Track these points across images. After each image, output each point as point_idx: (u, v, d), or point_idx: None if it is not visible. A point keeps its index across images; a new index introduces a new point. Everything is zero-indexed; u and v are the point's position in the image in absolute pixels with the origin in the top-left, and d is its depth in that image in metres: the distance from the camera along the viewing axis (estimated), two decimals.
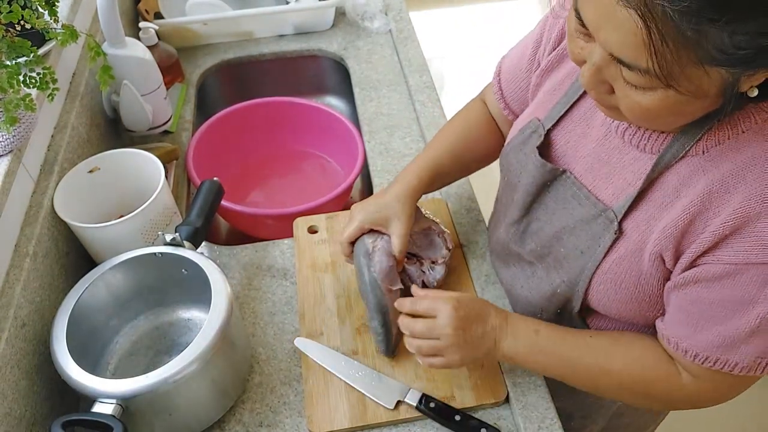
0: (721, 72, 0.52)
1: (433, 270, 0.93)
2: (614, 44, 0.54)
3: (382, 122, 1.30)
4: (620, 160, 0.71)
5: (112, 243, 0.89)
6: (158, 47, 1.31)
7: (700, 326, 0.67)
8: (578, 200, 0.75)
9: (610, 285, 0.73)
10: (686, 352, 0.69)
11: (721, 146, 0.63)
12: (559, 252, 0.78)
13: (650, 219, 0.68)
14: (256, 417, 0.85)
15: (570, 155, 0.78)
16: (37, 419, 0.78)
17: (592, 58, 0.58)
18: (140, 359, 0.87)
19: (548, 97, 0.81)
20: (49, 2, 0.84)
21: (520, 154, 0.82)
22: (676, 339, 0.69)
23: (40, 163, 0.95)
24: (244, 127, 1.34)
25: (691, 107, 0.57)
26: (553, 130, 0.80)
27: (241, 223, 1.23)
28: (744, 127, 0.62)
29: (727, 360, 0.66)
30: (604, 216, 0.72)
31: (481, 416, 0.84)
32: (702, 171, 0.64)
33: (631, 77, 0.56)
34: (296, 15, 1.50)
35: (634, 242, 0.69)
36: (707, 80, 0.53)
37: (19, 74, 0.78)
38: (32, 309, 0.81)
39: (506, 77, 0.93)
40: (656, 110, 0.58)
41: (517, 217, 0.84)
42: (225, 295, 0.79)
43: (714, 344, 0.66)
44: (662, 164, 0.66)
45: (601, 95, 0.62)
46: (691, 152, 0.64)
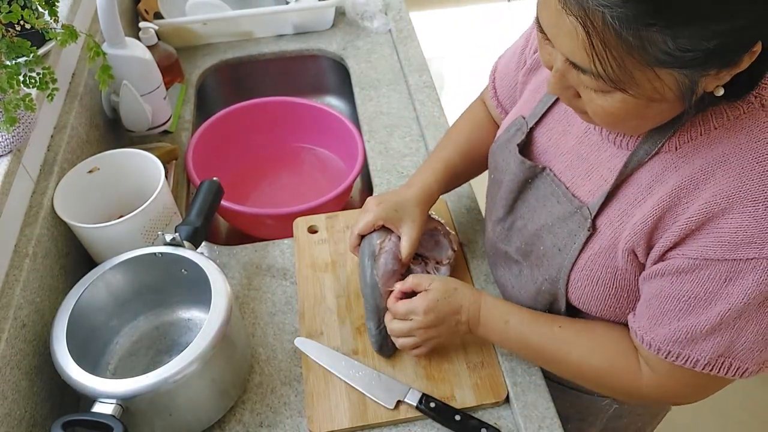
0: (673, 74, 0.53)
1: (438, 271, 0.93)
2: (566, 50, 0.56)
3: (382, 122, 1.30)
4: (598, 157, 0.72)
5: (112, 243, 0.89)
6: (158, 47, 1.31)
7: (660, 319, 0.67)
8: (557, 197, 0.76)
9: (586, 282, 0.73)
10: (648, 345, 0.69)
11: (693, 143, 0.63)
12: (540, 250, 0.79)
13: (623, 215, 0.68)
14: (256, 417, 0.85)
15: (551, 152, 0.78)
16: (37, 420, 0.78)
17: (556, 65, 0.60)
18: (140, 359, 0.87)
19: (533, 96, 0.82)
20: (49, 2, 0.84)
21: (505, 151, 0.83)
22: (640, 331, 0.70)
23: (40, 163, 0.95)
24: (244, 127, 1.34)
25: (652, 110, 0.58)
26: (536, 128, 0.81)
27: (241, 223, 1.23)
28: (716, 123, 0.62)
29: (687, 355, 0.66)
30: (579, 213, 0.72)
31: (481, 416, 0.84)
32: (674, 167, 0.64)
33: (588, 82, 0.57)
34: (296, 15, 1.50)
35: (607, 238, 0.70)
36: (660, 83, 0.54)
37: (18, 74, 0.78)
38: (32, 309, 0.81)
39: (499, 76, 0.94)
40: (618, 114, 0.59)
41: (502, 215, 0.85)
42: (225, 295, 0.79)
43: (672, 338, 0.66)
44: (635, 161, 0.67)
45: (569, 100, 0.63)
46: (664, 149, 0.65)
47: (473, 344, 0.89)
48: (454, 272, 0.98)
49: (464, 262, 1.01)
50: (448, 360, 0.88)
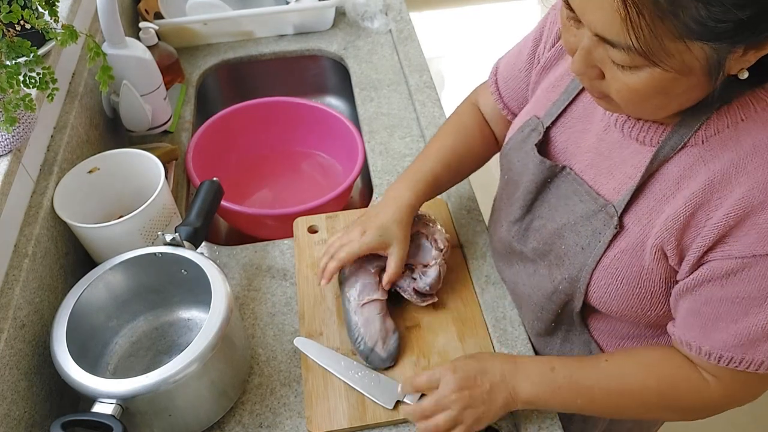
0: (703, 47, 0.52)
1: (424, 275, 0.92)
2: (598, 23, 0.55)
3: (382, 122, 1.30)
4: (621, 154, 0.71)
5: (112, 243, 0.89)
6: (158, 47, 1.31)
7: (716, 327, 0.65)
8: (579, 196, 0.75)
9: (611, 280, 0.72)
10: (707, 355, 0.67)
11: (721, 135, 0.62)
12: (560, 249, 0.77)
13: (651, 212, 0.67)
14: (255, 418, 0.85)
15: (570, 151, 0.78)
16: (36, 420, 0.78)
17: (582, 43, 0.59)
18: (140, 359, 0.87)
19: (547, 95, 0.81)
20: (49, 2, 0.84)
21: (521, 152, 0.82)
22: (695, 342, 0.68)
23: (40, 163, 0.95)
24: (244, 127, 1.34)
25: (678, 87, 0.57)
26: (552, 127, 0.80)
27: (241, 223, 1.23)
28: (743, 115, 0.61)
29: (751, 359, 0.64)
30: (604, 211, 0.71)
31: None
32: (702, 161, 0.63)
33: (617, 57, 0.56)
34: (296, 15, 1.50)
35: (635, 236, 0.69)
36: (689, 56, 0.53)
37: (18, 74, 0.78)
38: (31, 310, 0.81)
39: (504, 76, 0.93)
40: (644, 91, 0.58)
41: (519, 216, 0.84)
42: (225, 296, 0.79)
43: (732, 344, 0.64)
44: (661, 156, 0.66)
45: (592, 82, 0.62)
46: (690, 143, 0.64)
47: (472, 344, 0.89)
48: (454, 272, 0.98)
49: (464, 262, 1.01)
50: (447, 361, 0.87)
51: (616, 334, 0.81)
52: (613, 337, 0.82)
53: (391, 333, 0.88)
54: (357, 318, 0.89)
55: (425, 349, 0.89)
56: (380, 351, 0.87)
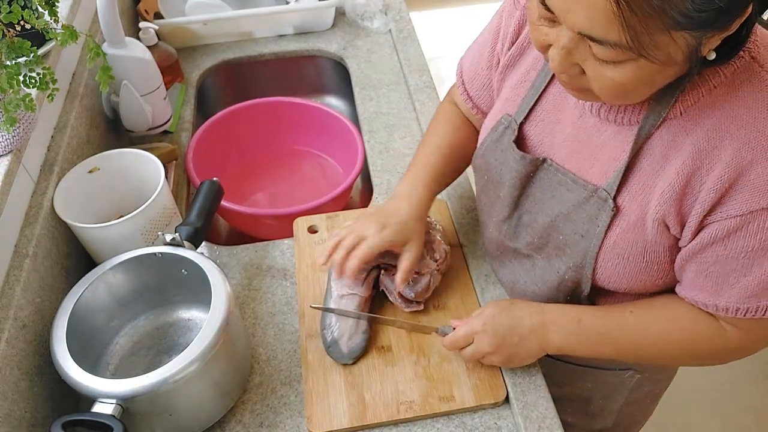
0: (685, 36, 0.54)
1: (414, 282, 0.91)
2: (584, 22, 0.55)
3: (382, 122, 1.30)
4: (600, 138, 0.73)
5: (112, 243, 0.89)
6: (158, 47, 1.31)
7: (726, 283, 0.68)
8: (566, 186, 0.76)
9: (617, 260, 0.74)
10: (724, 310, 0.70)
11: (698, 104, 0.64)
12: (558, 239, 0.78)
13: (645, 188, 0.69)
14: (256, 417, 0.85)
15: (547, 143, 0.79)
16: (37, 420, 0.78)
17: (560, 42, 0.60)
18: (140, 359, 0.87)
19: (515, 91, 0.82)
20: (49, 2, 0.84)
21: (497, 151, 0.83)
22: (709, 301, 0.71)
23: (40, 163, 0.95)
24: (244, 127, 1.34)
25: (661, 76, 0.59)
26: (525, 122, 0.81)
27: (241, 223, 1.23)
28: (714, 82, 0.64)
29: (767, 305, 0.67)
30: (596, 196, 0.73)
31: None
32: (684, 132, 0.65)
33: (602, 53, 0.57)
34: (296, 15, 1.50)
35: (634, 214, 0.70)
36: (674, 46, 0.55)
37: (19, 74, 0.78)
38: (32, 310, 0.81)
39: (468, 76, 0.93)
40: (630, 83, 0.59)
41: (507, 214, 0.85)
42: (225, 295, 0.79)
43: (745, 295, 0.67)
44: (644, 133, 0.68)
45: (572, 78, 0.63)
46: (670, 116, 0.66)
47: None
48: (453, 272, 0.98)
49: (464, 262, 1.01)
50: (447, 360, 0.88)
51: None
52: None
53: (360, 332, 0.88)
54: (332, 305, 0.89)
55: (425, 349, 0.89)
56: (343, 345, 0.87)
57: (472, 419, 0.83)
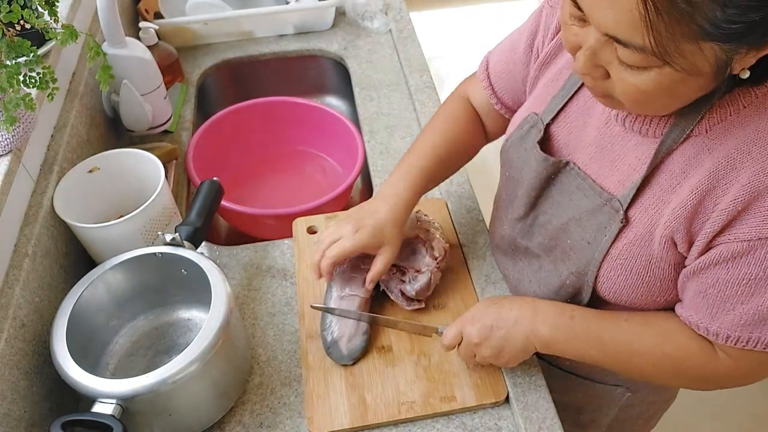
0: (714, 48, 0.53)
1: (414, 280, 0.91)
2: (610, 23, 0.54)
3: (382, 122, 1.30)
4: (623, 147, 0.72)
5: (112, 243, 0.89)
6: (158, 47, 1.31)
7: (722, 307, 0.66)
8: (583, 191, 0.75)
9: (620, 271, 0.73)
10: (715, 335, 0.68)
11: (724, 123, 0.63)
12: (566, 243, 0.78)
13: (658, 203, 0.68)
14: (256, 418, 0.84)
15: (572, 146, 0.78)
16: (36, 419, 0.78)
17: (588, 42, 0.59)
18: (140, 359, 0.87)
19: (545, 90, 0.81)
20: (49, 2, 0.84)
21: (521, 149, 0.82)
22: (702, 323, 0.69)
23: (40, 162, 0.95)
24: (244, 127, 1.34)
25: (685, 87, 0.58)
26: (552, 123, 0.80)
27: (241, 223, 1.22)
28: (744, 102, 0.62)
29: (758, 338, 0.65)
30: (609, 205, 0.72)
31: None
32: (707, 150, 0.64)
33: (626, 56, 0.56)
34: (296, 15, 1.50)
35: (643, 227, 0.69)
36: (701, 57, 0.53)
37: (19, 74, 0.78)
38: (32, 309, 0.81)
39: (496, 70, 0.92)
40: (652, 91, 0.58)
41: (524, 212, 0.84)
42: (225, 296, 0.79)
43: (740, 323, 0.66)
44: (665, 148, 0.66)
45: (595, 81, 0.62)
46: (694, 133, 0.65)
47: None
48: (454, 272, 0.98)
49: (464, 262, 1.01)
50: (448, 360, 0.87)
51: None
52: None
53: (360, 334, 0.88)
54: (332, 305, 0.89)
55: (425, 349, 0.89)
56: (343, 347, 0.87)
57: (473, 419, 0.83)
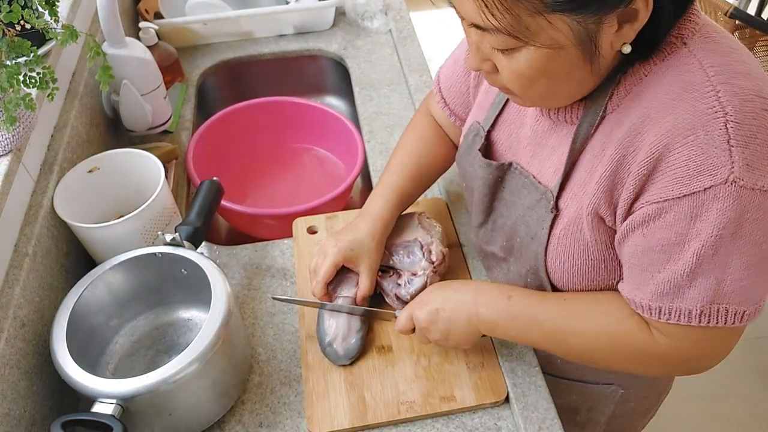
0: (565, 20, 0.55)
1: (409, 283, 0.91)
2: (466, 12, 0.59)
3: (382, 122, 1.30)
4: (556, 139, 0.73)
5: (112, 243, 0.89)
6: (158, 47, 1.31)
7: (642, 276, 0.65)
8: (527, 189, 0.77)
9: (563, 259, 0.73)
10: (640, 308, 0.67)
11: (630, 95, 0.64)
12: (517, 242, 0.79)
13: (584, 184, 0.69)
14: (256, 417, 0.85)
15: (514, 148, 0.80)
16: (36, 419, 0.78)
17: (471, 38, 0.63)
18: (140, 359, 0.87)
19: (485, 98, 0.84)
20: (49, 2, 0.84)
21: (469, 158, 0.84)
22: (630, 295, 0.68)
23: (40, 162, 0.95)
24: (244, 127, 1.34)
25: (557, 64, 0.59)
26: (492, 129, 0.82)
27: (241, 223, 1.23)
28: (645, 70, 0.64)
29: (678, 309, 0.63)
30: (544, 198, 0.73)
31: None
32: (618, 123, 0.65)
33: (493, 41, 0.59)
34: (296, 15, 1.50)
35: (573, 211, 0.70)
36: (554, 30, 0.56)
37: (19, 74, 0.78)
38: (32, 309, 0.81)
39: (446, 85, 0.94)
40: (527, 72, 0.60)
41: (483, 219, 0.86)
42: (225, 295, 0.79)
43: (659, 293, 0.64)
44: (583, 132, 0.68)
45: (490, 76, 0.66)
46: (608, 111, 0.66)
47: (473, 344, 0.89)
48: (453, 272, 0.98)
49: (464, 262, 1.01)
50: (448, 360, 0.88)
51: None
52: None
53: (354, 333, 0.88)
54: (326, 311, 0.90)
55: (425, 349, 0.89)
56: (338, 347, 0.87)
57: (472, 419, 0.83)
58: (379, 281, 0.92)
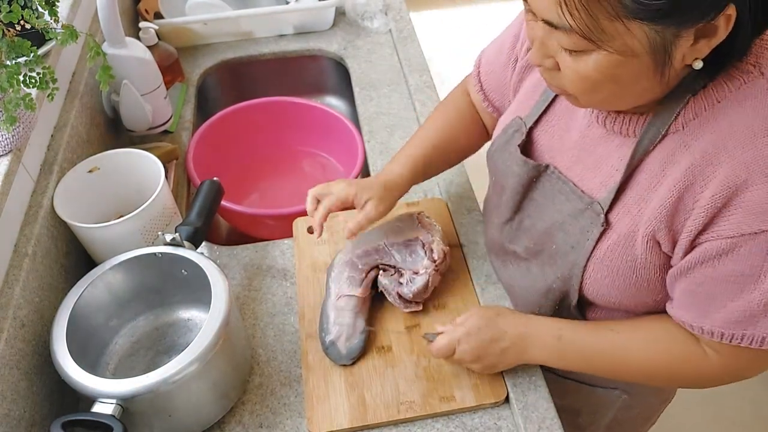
0: (642, 28, 0.54)
1: (411, 282, 0.91)
2: (541, 8, 0.57)
3: (382, 122, 1.30)
4: (606, 149, 0.72)
5: (112, 243, 0.89)
6: (158, 47, 1.31)
7: (713, 306, 0.66)
8: (565, 195, 0.75)
9: (605, 274, 0.73)
10: (709, 333, 0.68)
11: (699, 119, 0.63)
12: (551, 248, 0.78)
13: (640, 202, 0.68)
14: (256, 418, 0.84)
15: (555, 150, 0.78)
16: (36, 420, 0.78)
17: (537, 33, 0.61)
18: (140, 359, 0.87)
19: (529, 95, 0.82)
20: (49, 2, 0.84)
21: (505, 153, 0.83)
22: (695, 322, 0.69)
23: (40, 162, 0.95)
24: (244, 127, 1.34)
25: (625, 72, 0.58)
26: (535, 127, 0.80)
27: (241, 223, 1.22)
28: (718, 97, 0.62)
29: (752, 335, 0.65)
30: (591, 209, 0.72)
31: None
32: (684, 146, 0.64)
33: (563, 41, 0.58)
34: (296, 15, 1.50)
35: (626, 228, 0.69)
36: (630, 37, 0.54)
37: (19, 74, 0.78)
38: (31, 309, 0.81)
39: (485, 70, 0.93)
40: (593, 77, 0.59)
41: (509, 216, 0.85)
42: (225, 296, 0.79)
43: (731, 320, 0.65)
44: (642, 147, 0.67)
45: (550, 74, 0.64)
46: (671, 130, 0.65)
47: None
48: (454, 272, 0.98)
49: (464, 262, 1.01)
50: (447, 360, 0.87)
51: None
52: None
53: (358, 333, 0.88)
54: (330, 309, 0.90)
55: (425, 349, 0.89)
56: (341, 346, 0.87)
57: (472, 419, 0.83)
58: (381, 279, 0.92)
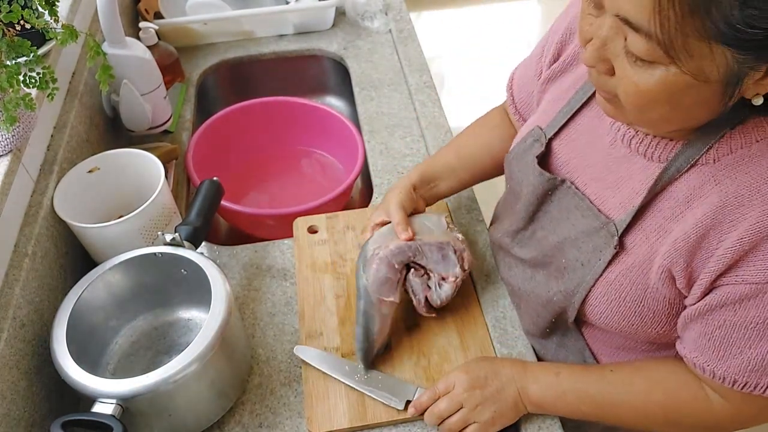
0: (726, 54, 0.50)
1: (440, 287, 0.89)
2: (622, 4, 0.52)
3: (382, 122, 1.30)
4: (628, 170, 0.70)
5: (112, 243, 0.89)
6: (158, 47, 1.31)
7: (729, 350, 0.64)
8: (581, 211, 0.73)
9: (612, 297, 0.71)
10: (721, 379, 0.66)
11: (734, 155, 0.61)
12: (561, 262, 0.76)
13: (659, 230, 0.66)
14: (255, 418, 0.84)
15: (573, 165, 0.76)
16: (36, 420, 0.78)
17: (600, 32, 0.57)
18: (140, 359, 0.87)
19: (551, 106, 0.81)
20: (49, 2, 0.84)
21: (522, 162, 0.82)
22: (708, 365, 0.66)
23: (40, 162, 0.95)
24: (244, 127, 1.34)
25: (689, 97, 0.55)
26: (555, 139, 0.79)
27: (241, 223, 1.22)
28: (758, 136, 0.60)
29: (766, 384, 0.63)
30: (605, 229, 0.70)
31: None
32: (714, 181, 0.62)
33: (636, 46, 0.53)
34: (296, 15, 1.50)
35: (642, 254, 0.67)
36: (710, 61, 0.51)
37: (19, 74, 0.78)
38: (31, 309, 0.81)
39: (518, 83, 0.93)
40: (653, 93, 0.55)
41: (522, 225, 0.84)
42: (225, 296, 0.79)
43: (746, 368, 0.63)
44: (669, 174, 0.64)
45: (600, 77, 0.60)
46: (701, 161, 0.63)
47: (473, 345, 0.89)
48: None
49: None
50: (447, 361, 0.87)
51: (612, 344, 0.80)
52: (608, 347, 0.81)
53: (383, 342, 0.88)
54: (374, 311, 0.85)
55: (425, 349, 0.89)
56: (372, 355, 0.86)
57: None
58: (411, 278, 0.89)
